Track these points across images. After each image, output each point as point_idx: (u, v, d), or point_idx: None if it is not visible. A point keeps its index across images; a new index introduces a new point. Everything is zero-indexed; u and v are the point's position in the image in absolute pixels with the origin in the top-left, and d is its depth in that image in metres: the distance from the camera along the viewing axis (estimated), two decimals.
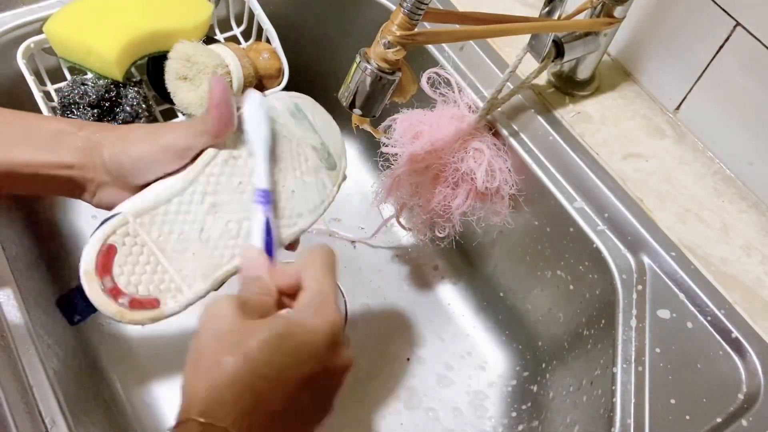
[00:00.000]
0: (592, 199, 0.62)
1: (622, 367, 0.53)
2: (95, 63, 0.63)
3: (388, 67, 0.50)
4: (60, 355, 0.59)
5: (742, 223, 0.61)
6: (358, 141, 0.91)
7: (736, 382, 0.53)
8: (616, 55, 0.72)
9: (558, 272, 0.67)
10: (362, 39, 0.53)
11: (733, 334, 0.54)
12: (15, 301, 0.54)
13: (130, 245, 0.40)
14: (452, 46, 0.71)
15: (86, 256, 0.39)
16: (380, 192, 0.71)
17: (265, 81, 0.69)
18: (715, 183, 0.63)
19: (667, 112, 0.68)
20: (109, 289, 0.39)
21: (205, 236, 0.42)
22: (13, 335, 0.52)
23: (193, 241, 0.42)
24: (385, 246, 0.84)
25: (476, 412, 0.72)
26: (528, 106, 0.67)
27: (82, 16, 0.63)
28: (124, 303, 0.39)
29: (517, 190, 0.64)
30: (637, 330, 0.55)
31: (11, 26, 0.66)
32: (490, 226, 0.72)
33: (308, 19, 0.82)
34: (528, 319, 0.74)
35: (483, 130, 0.65)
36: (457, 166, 0.63)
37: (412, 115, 0.66)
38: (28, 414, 0.49)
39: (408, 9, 0.46)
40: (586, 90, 0.68)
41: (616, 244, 0.60)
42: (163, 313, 0.41)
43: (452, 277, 0.82)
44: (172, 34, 0.64)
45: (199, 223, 0.42)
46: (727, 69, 0.60)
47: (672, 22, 0.63)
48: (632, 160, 0.64)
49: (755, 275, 0.58)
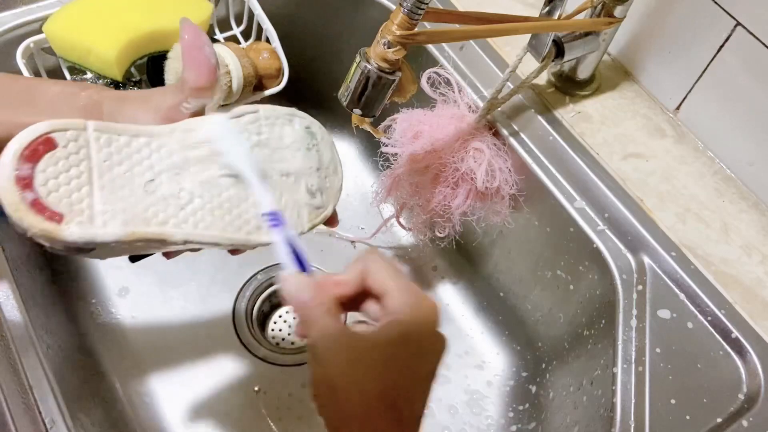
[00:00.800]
0: (592, 199, 0.62)
1: (623, 367, 0.53)
2: (95, 62, 0.63)
3: (388, 67, 0.50)
4: (60, 355, 0.59)
5: (743, 223, 0.61)
6: (358, 141, 0.91)
7: (736, 382, 0.53)
8: (616, 54, 0.72)
9: (558, 272, 0.67)
10: (362, 39, 0.53)
11: (733, 334, 0.54)
12: (15, 300, 0.54)
13: (71, 150, 0.36)
14: (452, 46, 0.71)
15: (23, 134, 0.35)
16: (380, 192, 0.71)
17: (265, 81, 0.69)
18: (716, 183, 0.63)
19: (668, 112, 0.68)
20: (22, 176, 0.34)
21: (152, 188, 0.39)
22: (12, 335, 0.52)
23: (136, 186, 0.38)
24: (384, 246, 0.84)
25: (473, 411, 0.72)
26: (528, 106, 0.67)
27: (81, 15, 0.63)
28: (27, 198, 0.34)
29: (517, 190, 0.64)
30: (637, 330, 0.55)
31: (11, 26, 0.66)
32: (490, 226, 0.72)
33: (308, 18, 0.82)
34: (528, 319, 0.74)
35: (483, 129, 0.65)
36: (457, 165, 0.63)
37: (412, 115, 0.66)
38: (28, 414, 0.49)
39: (408, 9, 0.46)
40: (586, 90, 0.68)
41: (616, 244, 0.60)
42: (59, 231, 0.35)
43: (452, 277, 0.82)
44: (172, 33, 0.64)
45: (154, 174, 0.39)
46: (728, 69, 0.60)
47: (672, 22, 0.63)
48: (632, 160, 0.64)
49: (755, 275, 0.58)
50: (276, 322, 0.79)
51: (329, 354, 0.37)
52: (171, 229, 0.39)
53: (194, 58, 0.42)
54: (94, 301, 0.75)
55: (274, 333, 0.78)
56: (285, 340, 0.78)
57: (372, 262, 0.39)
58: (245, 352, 0.74)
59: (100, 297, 0.76)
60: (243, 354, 0.74)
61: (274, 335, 0.78)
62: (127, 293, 0.77)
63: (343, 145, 0.91)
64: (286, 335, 0.78)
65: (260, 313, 0.79)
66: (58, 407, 0.50)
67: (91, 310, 0.74)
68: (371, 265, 0.39)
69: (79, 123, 0.37)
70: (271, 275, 0.80)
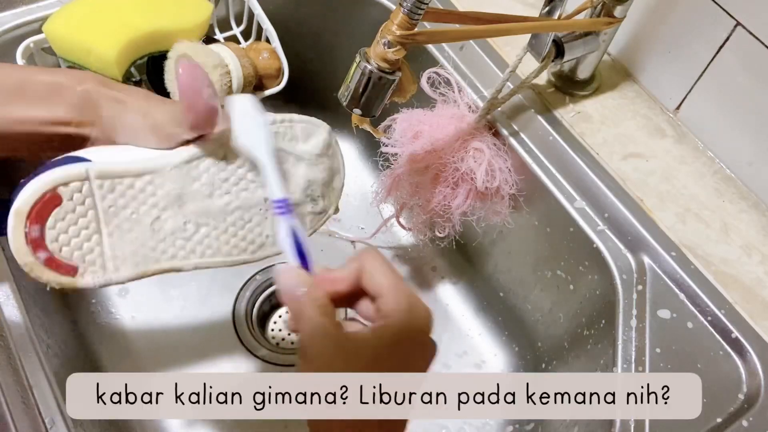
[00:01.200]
0: (592, 199, 0.62)
1: (622, 367, 0.53)
2: (95, 63, 0.62)
3: (388, 67, 0.50)
4: (60, 355, 0.59)
5: (743, 223, 0.61)
6: (358, 141, 0.91)
7: (736, 382, 0.53)
8: (616, 55, 0.72)
9: (558, 272, 0.67)
10: (362, 39, 0.53)
11: (733, 334, 0.54)
12: (14, 300, 0.54)
13: (76, 203, 0.37)
14: (452, 45, 0.71)
15: (26, 194, 0.36)
16: (380, 192, 0.71)
17: (265, 81, 0.69)
18: (716, 183, 0.63)
19: (668, 112, 0.68)
20: (34, 238, 0.35)
21: (158, 226, 0.40)
22: (12, 335, 0.52)
23: (142, 226, 0.39)
24: (384, 246, 0.84)
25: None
26: (528, 105, 0.67)
27: (81, 15, 0.63)
28: (41, 258, 0.36)
29: (517, 190, 0.64)
30: (637, 330, 0.55)
31: (11, 26, 0.66)
32: (490, 226, 0.71)
33: (308, 18, 0.82)
34: (528, 319, 0.74)
35: (483, 129, 0.65)
36: (457, 165, 0.63)
37: (412, 115, 0.66)
38: (27, 414, 0.49)
39: (408, 9, 0.46)
40: (586, 90, 0.68)
41: (616, 244, 0.60)
42: (75, 283, 0.37)
43: (452, 277, 0.82)
44: (172, 33, 0.64)
45: (159, 211, 0.40)
46: (728, 69, 0.60)
47: (672, 22, 0.63)
48: (632, 159, 0.64)
49: (755, 275, 0.58)
50: (276, 322, 0.79)
51: (317, 351, 0.36)
52: (179, 262, 0.41)
53: (193, 105, 0.39)
54: (94, 301, 0.75)
55: (274, 333, 0.78)
56: (285, 340, 0.78)
57: (369, 261, 0.39)
58: (245, 352, 0.74)
59: (100, 297, 0.76)
60: (243, 354, 0.74)
61: (274, 335, 0.78)
62: (127, 293, 0.77)
63: (343, 145, 0.90)
64: (286, 335, 0.78)
65: (260, 313, 0.79)
66: (58, 407, 0.50)
67: (91, 310, 0.74)
68: (368, 264, 0.39)
69: (80, 173, 0.37)
70: (270, 275, 0.80)
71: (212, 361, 0.74)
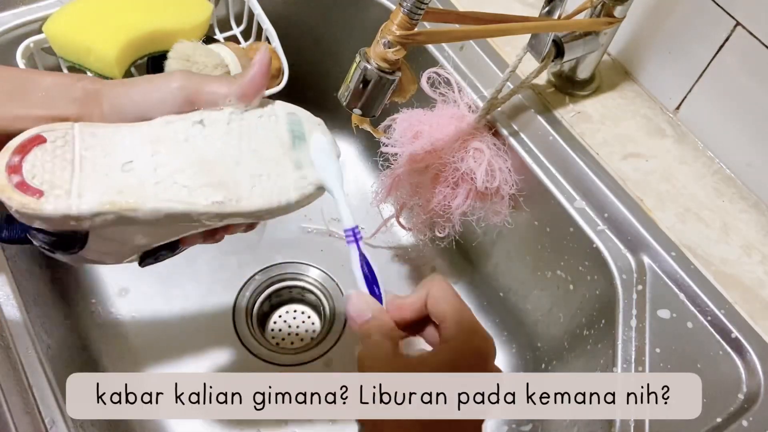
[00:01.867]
0: (592, 199, 0.62)
1: (622, 367, 0.53)
2: (95, 62, 0.63)
3: (388, 67, 0.50)
4: (60, 355, 0.59)
5: (743, 223, 0.61)
6: (357, 141, 0.91)
7: (736, 382, 0.53)
8: (616, 55, 0.72)
9: (558, 272, 0.67)
10: (362, 39, 0.53)
11: (733, 334, 0.54)
12: (14, 300, 0.54)
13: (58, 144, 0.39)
14: (452, 45, 0.71)
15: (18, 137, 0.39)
16: (380, 192, 0.71)
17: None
18: (716, 183, 0.63)
19: (667, 112, 0.68)
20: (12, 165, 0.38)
21: (129, 167, 0.40)
22: (12, 335, 0.52)
23: (114, 167, 0.40)
24: (384, 246, 0.84)
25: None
26: (528, 105, 0.67)
27: (81, 15, 0.63)
28: (13, 180, 0.38)
29: (517, 190, 0.64)
30: (637, 330, 0.55)
31: (11, 26, 0.66)
32: (490, 226, 0.71)
33: (308, 18, 0.82)
34: (528, 319, 0.74)
35: (483, 129, 0.65)
36: (457, 165, 0.63)
37: (412, 115, 0.66)
38: (28, 414, 0.49)
39: (408, 9, 0.46)
40: (586, 90, 0.68)
41: (616, 244, 0.60)
42: (39, 206, 0.38)
43: (452, 277, 0.82)
44: (172, 33, 0.64)
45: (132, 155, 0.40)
46: (728, 69, 0.60)
47: (672, 22, 0.63)
48: (632, 159, 0.64)
49: (755, 275, 0.58)
50: (276, 322, 0.79)
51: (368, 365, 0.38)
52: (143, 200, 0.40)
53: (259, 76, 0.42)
54: (94, 300, 0.75)
55: (274, 333, 0.78)
56: (285, 340, 0.78)
57: (435, 288, 0.40)
58: (245, 352, 0.75)
59: (100, 297, 0.76)
60: (243, 354, 0.74)
61: (274, 335, 0.78)
62: (127, 293, 0.77)
63: (343, 145, 0.91)
64: (286, 335, 0.78)
65: (260, 313, 0.79)
66: (58, 407, 0.50)
67: (91, 309, 0.74)
68: (433, 290, 0.40)
69: (67, 124, 0.40)
70: (270, 275, 0.80)
71: (212, 361, 0.74)
